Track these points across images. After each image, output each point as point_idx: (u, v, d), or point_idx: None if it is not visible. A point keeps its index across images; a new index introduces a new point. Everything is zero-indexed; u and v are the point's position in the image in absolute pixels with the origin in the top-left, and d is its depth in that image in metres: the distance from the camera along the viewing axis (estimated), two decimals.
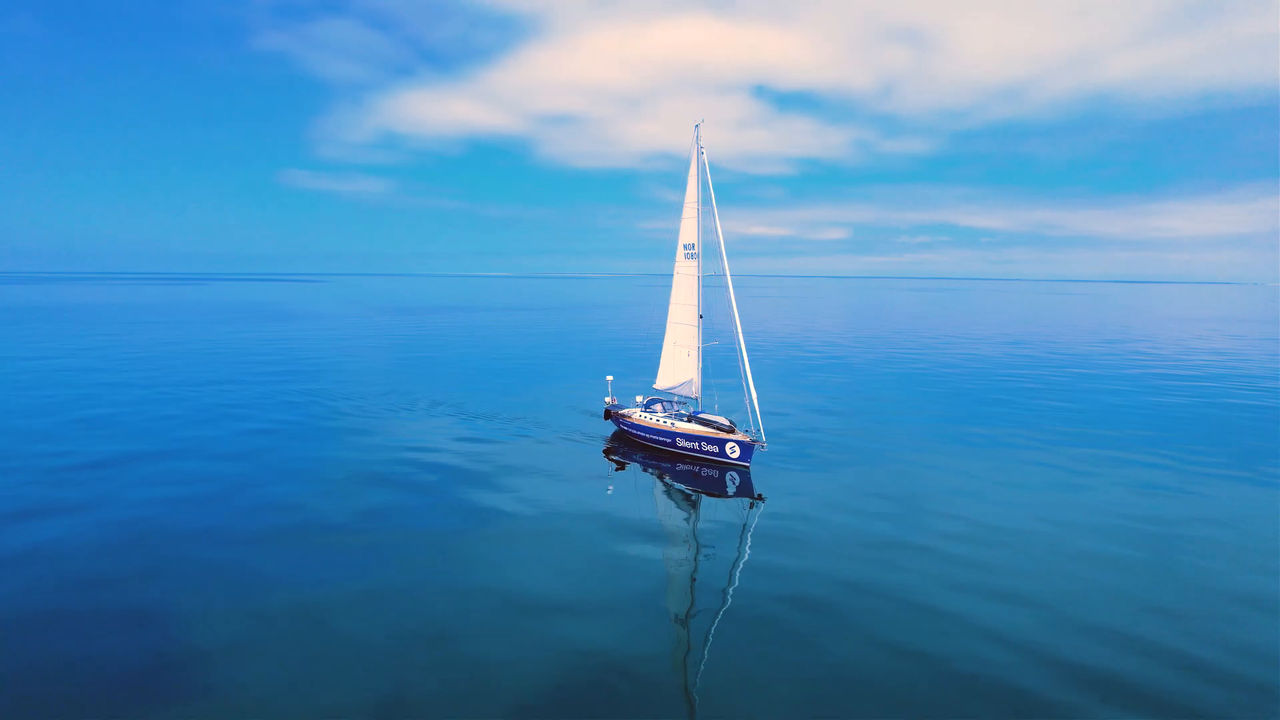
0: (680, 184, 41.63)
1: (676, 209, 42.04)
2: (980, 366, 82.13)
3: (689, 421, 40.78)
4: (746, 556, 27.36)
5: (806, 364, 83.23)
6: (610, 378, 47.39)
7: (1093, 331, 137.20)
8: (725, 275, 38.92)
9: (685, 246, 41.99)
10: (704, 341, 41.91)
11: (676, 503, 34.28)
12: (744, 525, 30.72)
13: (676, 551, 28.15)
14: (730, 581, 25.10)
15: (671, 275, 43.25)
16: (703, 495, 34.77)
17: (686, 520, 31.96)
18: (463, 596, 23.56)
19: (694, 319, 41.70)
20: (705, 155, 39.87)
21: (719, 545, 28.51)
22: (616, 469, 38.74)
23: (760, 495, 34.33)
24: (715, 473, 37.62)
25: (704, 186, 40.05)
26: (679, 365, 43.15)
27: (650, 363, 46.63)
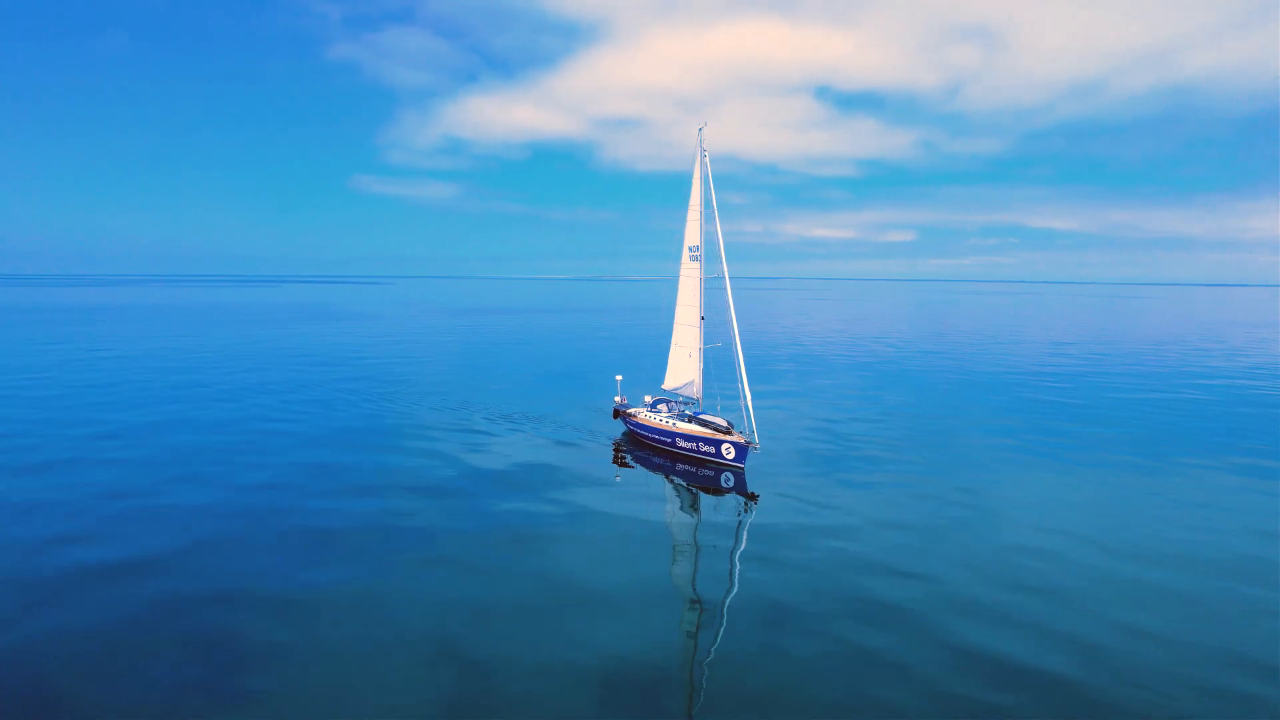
0: (735, 185, 42.29)
1: (738, 212, 43.25)
2: (1021, 370, 79.78)
3: (689, 422, 41.27)
4: (736, 556, 27.83)
5: (838, 366, 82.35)
6: (619, 377, 48.16)
7: (1165, 336, 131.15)
8: (724, 277, 39.37)
9: (690, 248, 42.53)
10: (707, 343, 42.36)
11: (673, 502, 34.96)
12: (736, 525, 31.22)
13: (666, 549, 28.77)
14: (716, 580, 25.62)
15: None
16: (699, 495, 35.34)
17: (680, 519, 32.63)
18: (460, 589, 24.44)
19: (696, 320, 42.19)
20: (708, 158, 40.38)
21: (709, 544, 29.11)
22: (623, 467, 39.57)
23: (754, 495, 34.66)
24: (712, 473, 38.06)
25: (706, 189, 40.54)
26: (682, 366, 43.70)
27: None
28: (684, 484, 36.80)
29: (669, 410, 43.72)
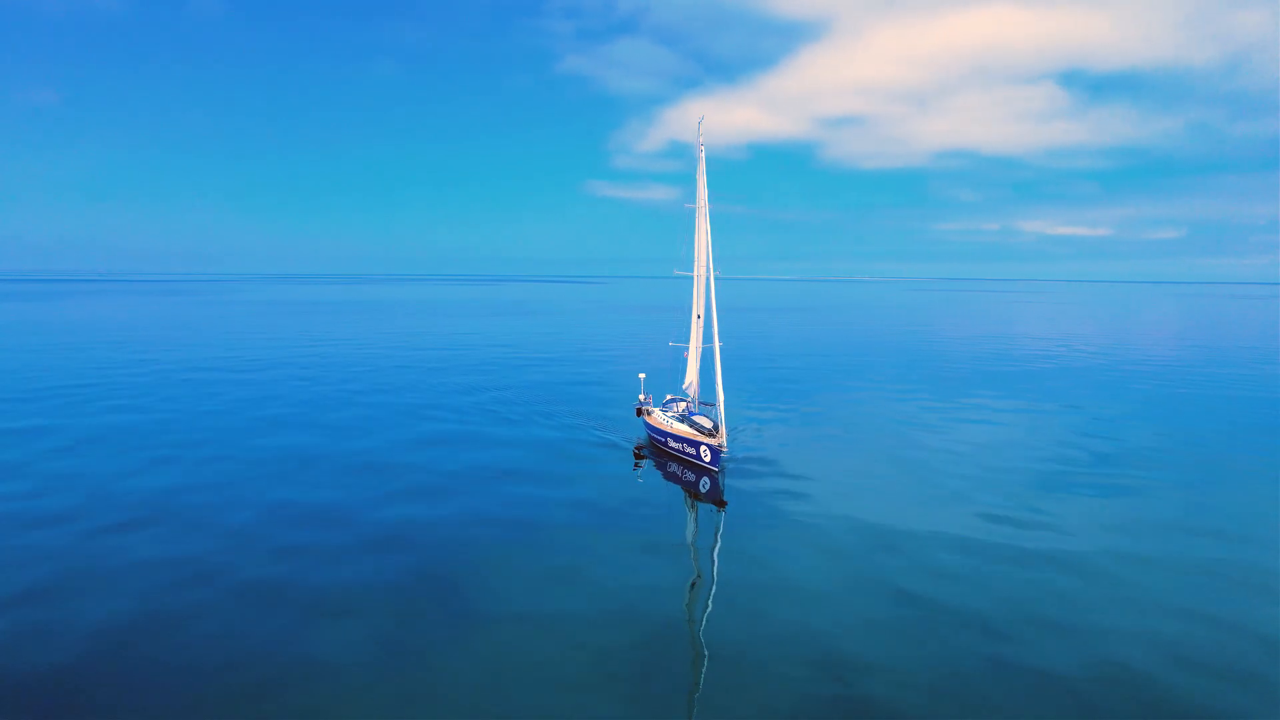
0: (968, 182, 40.79)
1: (972, 210, 41.52)
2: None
3: (682, 422, 40.37)
4: (701, 560, 28.04)
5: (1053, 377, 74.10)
6: (643, 375, 47.52)
7: None
8: (709, 275, 38.11)
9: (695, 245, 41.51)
10: (707, 343, 41.08)
11: (658, 503, 34.96)
12: (714, 529, 31.20)
13: (637, 551, 28.29)
14: (675, 575, 26.06)
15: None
16: (677, 497, 35.25)
17: (659, 521, 32.46)
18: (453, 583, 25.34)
19: (695, 319, 41.09)
20: (704, 152, 39.24)
21: (683, 547, 29.46)
22: (633, 467, 39.90)
23: (724, 501, 33.77)
24: (693, 474, 37.28)
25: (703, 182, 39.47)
26: (688, 365, 42.79)
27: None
28: (671, 487, 36.64)
29: (678, 410, 43.00)
